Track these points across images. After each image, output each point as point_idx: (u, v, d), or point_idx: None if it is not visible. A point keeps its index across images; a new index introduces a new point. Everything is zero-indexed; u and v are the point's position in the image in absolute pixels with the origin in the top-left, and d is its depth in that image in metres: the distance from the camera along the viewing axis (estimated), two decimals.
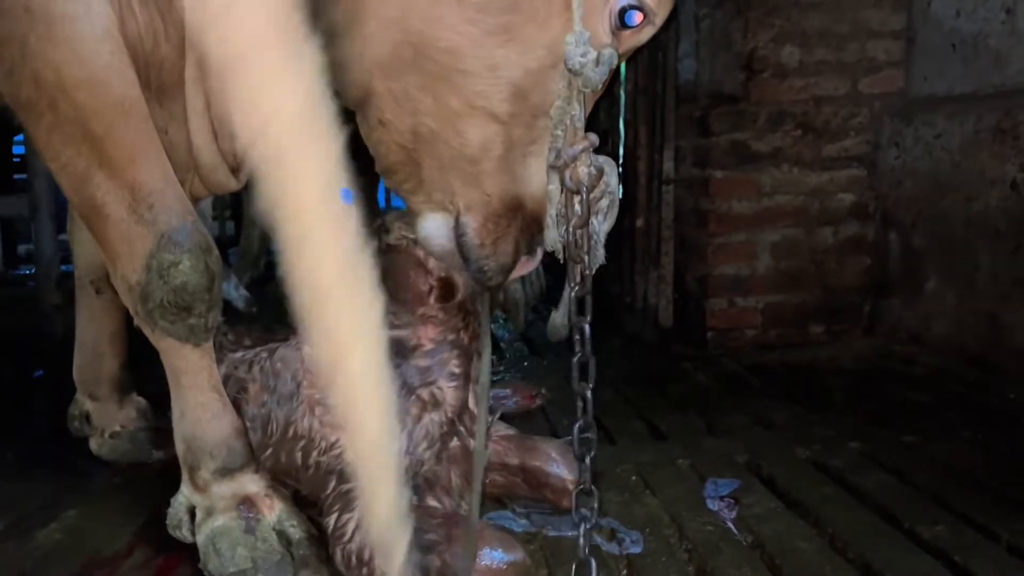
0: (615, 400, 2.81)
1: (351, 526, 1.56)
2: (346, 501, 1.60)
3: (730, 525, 1.85)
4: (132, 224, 1.46)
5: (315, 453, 1.69)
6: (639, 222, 3.91)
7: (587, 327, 1.49)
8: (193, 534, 1.67)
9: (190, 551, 1.73)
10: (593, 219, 1.43)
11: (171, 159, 1.53)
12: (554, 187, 1.40)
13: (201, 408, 1.64)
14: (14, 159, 5.76)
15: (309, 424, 1.71)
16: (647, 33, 1.40)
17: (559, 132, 1.37)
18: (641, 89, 3.86)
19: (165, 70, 1.56)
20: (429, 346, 1.75)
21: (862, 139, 3.45)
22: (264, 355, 1.87)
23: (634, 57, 3.83)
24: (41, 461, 2.32)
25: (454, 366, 1.75)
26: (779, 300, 3.51)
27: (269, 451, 1.77)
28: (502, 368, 3.29)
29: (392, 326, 1.67)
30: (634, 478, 2.12)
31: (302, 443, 1.71)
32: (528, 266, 1.66)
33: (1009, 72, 2.91)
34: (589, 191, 1.38)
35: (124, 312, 2.26)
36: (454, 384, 1.74)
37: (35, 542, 1.84)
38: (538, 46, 1.31)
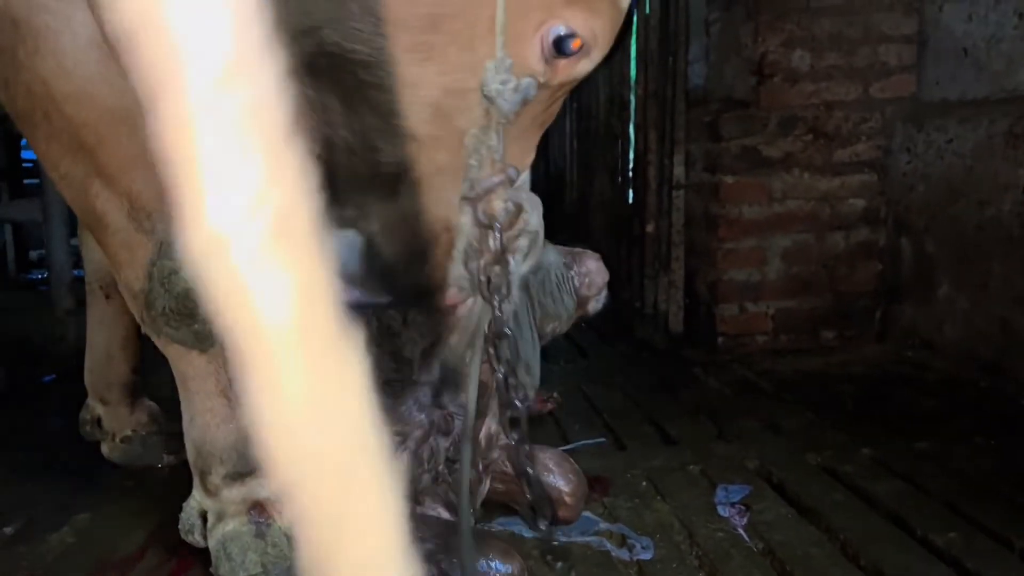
0: (625, 405, 2.81)
1: None
2: None
3: (741, 531, 1.84)
4: (132, 232, 1.46)
5: None
6: (649, 227, 3.90)
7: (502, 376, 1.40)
8: (205, 538, 1.67)
9: (202, 554, 1.73)
10: (510, 258, 1.35)
11: None
12: (466, 219, 1.31)
13: (209, 413, 1.64)
14: (23, 164, 5.79)
15: None
16: (584, 66, 1.32)
17: (473, 162, 1.29)
18: (651, 94, 3.86)
19: None
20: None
21: (873, 144, 3.44)
22: None
23: (644, 62, 3.83)
24: (53, 464, 2.33)
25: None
26: (790, 305, 3.50)
27: None
28: None
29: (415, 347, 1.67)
30: (644, 484, 2.11)
31: None
32: (459, 301, 1.53)
33: (1022, 77, 2.90)
34: (503, 228, 1.31)
35: (134, 317, 2.27)
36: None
37: (47, 545, 1.85)
38: (459, 68, 1.25)
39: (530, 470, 1.58)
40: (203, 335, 1.57)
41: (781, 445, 2.37)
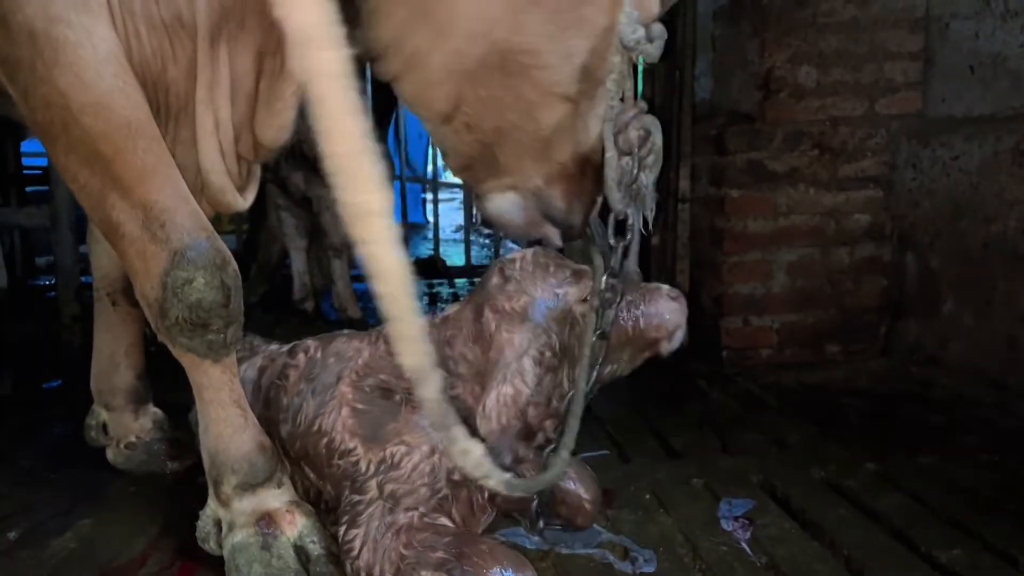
0: (629, 418, 2.80)
1: (358, 542, 1.56)
2: (354, 514, 1.60)
3: (744, 546, 1.83)
4: (147, 242, 1.48)
5: (336, 455, 1.68)
6: (654, 240, 3.91)
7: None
8: (220, 546, 1.68)
9: (204, 561, 1.74)
10: (641, 173, 1.58)
11: None
12: (611, 153, 1.51)
13: (223, 423, 1.65)
14: (24, 171, 5.81)
15: (333, 421, 1.69)
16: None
17: (615, 103, 1.49)
18: (657, 107, 3.87)
19: (173, 93, 1.58)
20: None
21: (879, 160, 3.44)
22: (313, 344, 1.86)
23: (651, 75, 3.84)
24: (57, 470, 2.33)
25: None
26: (795, 320, 3.50)
27: (298, 443, 1.76)
28: None
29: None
30: (648, 496, 2.11)
31: (325, 440, 1.70)
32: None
33: None
34: (640, 151, 1.54)
35: (140, 324, 2.29)
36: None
37: (50, 550, 1.85)
38: (602, 29, 1.42)
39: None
40: (216, 345, 1.58)
41: (785, 459, 2.36)
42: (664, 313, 1.71)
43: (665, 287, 1.75)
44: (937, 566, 1.73)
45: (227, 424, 1.65)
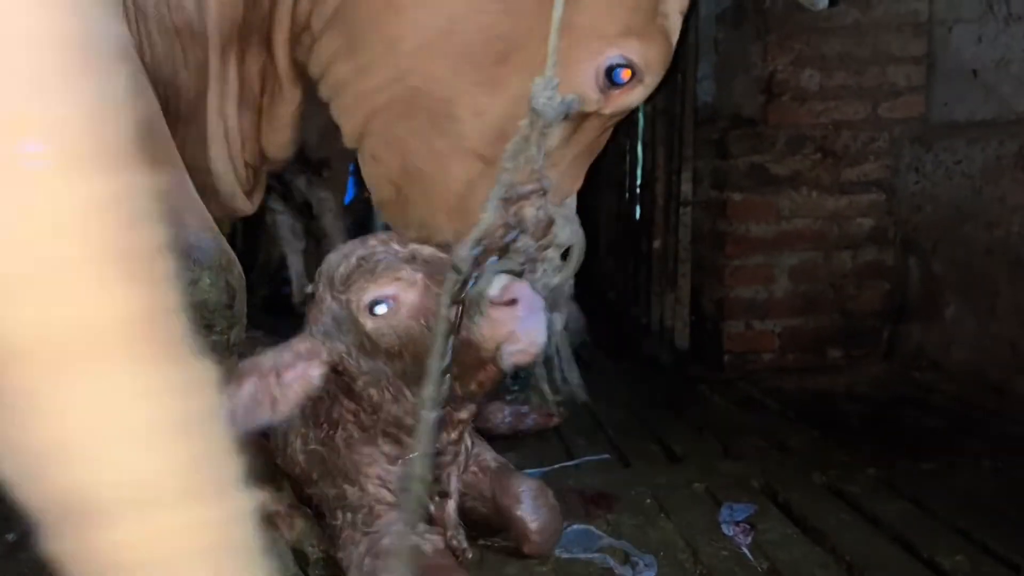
0: (630, 422, 2.80)
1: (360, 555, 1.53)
2: (352, 533, 1.56)
3: (745, 551, 1.83)
4: None
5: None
6: (656, 244, 3.90)
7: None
8: None
9: None
10: (539, 266, 1.42)
11: None
12: (489, 216, 1.26)
13: None
14: None
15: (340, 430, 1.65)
16: (638, 94, 1.41)
17: (509, 165, 1.31)
18: (659, 111, 3.87)
19: (183, 98, 1.58)
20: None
21: (882, 164, 3.44)
22: None
23: None
24: None
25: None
26: (797, 324, 3.49)
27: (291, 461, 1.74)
28: (516, 388, 3.28)
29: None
30: (649, 501, 2.10)
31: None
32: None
33: None
34: (534, 235, 1.37)
35: None
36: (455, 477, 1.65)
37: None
38: (522, 95, 1.31)
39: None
40: (220, 346, 1.57)
41: (787, 464, 2.35)
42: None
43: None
44: (939, 572, 1.72)
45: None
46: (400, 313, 1.32)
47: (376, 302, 1.32)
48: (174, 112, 1.58)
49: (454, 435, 1.52)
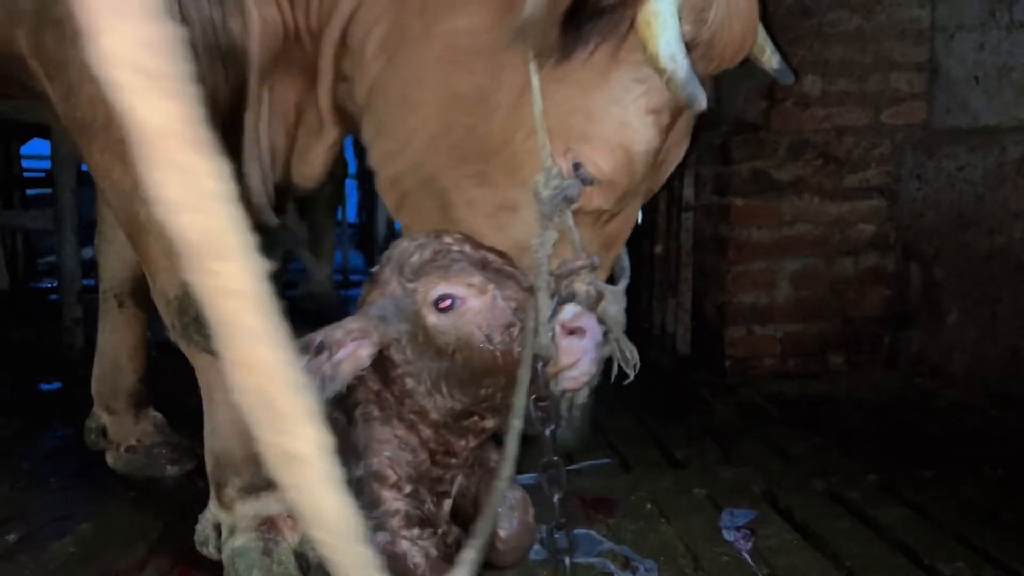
0: (631, 427, 2.80)
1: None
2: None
3: (746, 556, 1.82)
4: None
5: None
6: (658, 249, 3.90)
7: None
8: (219, 551, 1.67)
9: (203, 566, 1.73)
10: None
11: None
12: (543, 295, 1.34)
13: (231, 424, 1.65)
14: (23, 174, 5.82)
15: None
16: (604, 198, 1.47)
17: (540, 253, 1.42)
18: None
19: (221, 110, 1.62)
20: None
21: (883, 170, 3.44)
22: None
23: None
24: (57, 473, 2.33)
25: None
26: (798, 329, 3.49)
27: None
28: None
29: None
30: (649, 506, 2.10)
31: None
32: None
33: None
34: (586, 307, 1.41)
35: (144, 327, 2.30)
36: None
37: (49, 554, 1.85)
38: (508, 187, 1.49)
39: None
40: None
41: (787, 470, 2.35)
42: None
43: (576, 314, 1.35)
44: None
45: (235, 426, 1.65)
46: (464, 316, 1.33)
47: (444, 298, 1.33)
48: (208, 123, 1.61)
49: (474, 443, 1.50)
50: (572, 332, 1.29)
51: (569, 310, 1.30)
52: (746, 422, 2.86)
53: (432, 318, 1.33)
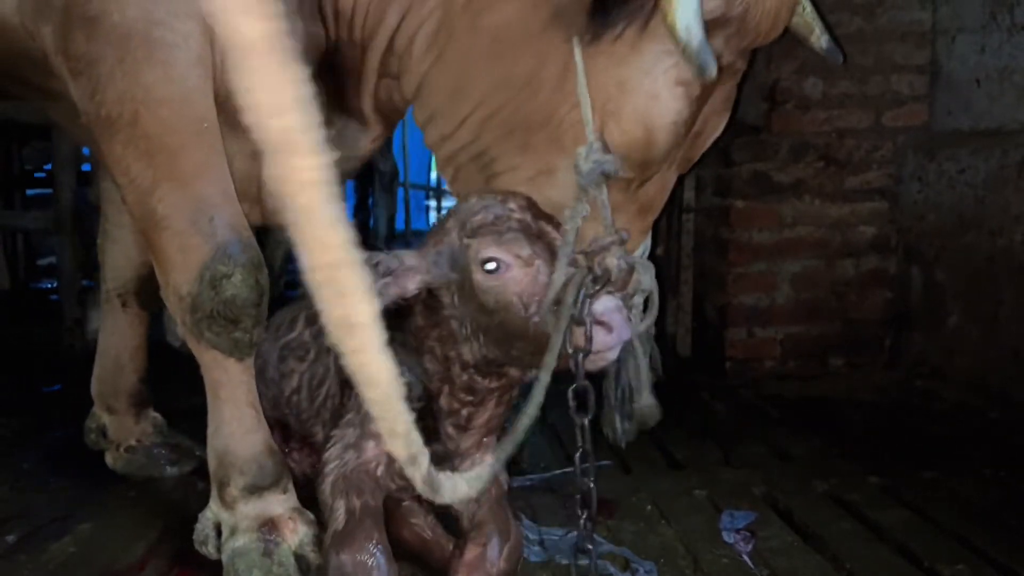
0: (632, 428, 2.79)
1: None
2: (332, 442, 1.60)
3: (746, 558, 1.82)
4: (190, 235, 1.54)
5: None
6: (659, 250, 3.90)
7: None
8: (218, 550, 1.67)
9: (203, 567, 1.73)
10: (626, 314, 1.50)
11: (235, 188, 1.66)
12: (559, 275, 1.37)
13: (236, 422, 1.66)
14: (24, 175, 5.82)
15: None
16: (627, 167, 1.57)
17: (569, 226, 1.47)
18: None
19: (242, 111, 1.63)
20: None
21: (885, 172, 3.44)
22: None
23: None
24: (57, 474, 2.33)
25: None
26: (799, 331, 3.49)
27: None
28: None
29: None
30: (649, 507, 2.10)
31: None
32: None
33: None
34: (618, 285, 1.45)
35: (146, 326, 2.30)
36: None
37: (48, 554, 1.85)
38: (549, 153, 1.64)
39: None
40: (242, 344, 1.61)
41: (788, 471, 2.35)
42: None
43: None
44: None
45: (240, 424, 1.66)
46: (507, 283, 1.40)
47: (491, 260, 1.40)
48: (232, 121, 1.63)
49: (494, 384, 1.55)
50: (600, 323, 1.33)
51: (603, 302, 1.34)
52: (746, 424, 2.85)
53: (479, 276, 1.41)
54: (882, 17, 3.35)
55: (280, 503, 1.67)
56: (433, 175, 10.28)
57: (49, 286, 5.63)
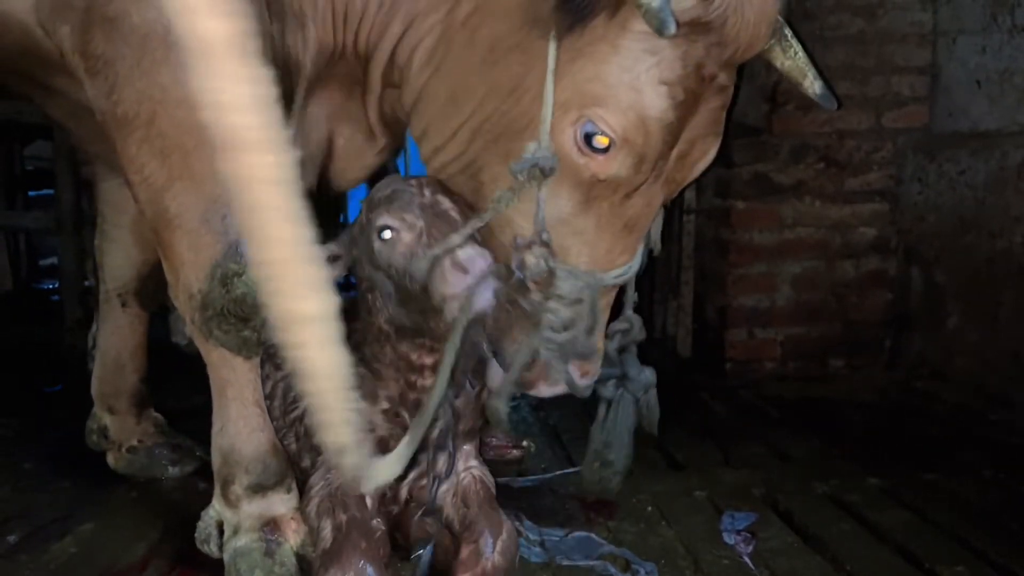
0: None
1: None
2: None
3: (746, 559, 1.83)
4: (202, 233, 1.56)
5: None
6: (660, 252, 3.90)
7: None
8: (220, 549, 1.68)
9: (204, 567, 1.73)
10: (544, 317, 1.58)
11: None
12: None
13: (242, 421, 1.68)
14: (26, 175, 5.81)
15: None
16: (620, 161, 1.53)
17: (489, 207, 1.58)
18: None
19: None
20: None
21: (885, 173, 3.44)
22: None
23: None
24: (58, 474, 2.33)
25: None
26: (799, 332, 3.49)
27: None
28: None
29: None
30: (650, 508, 2.10)
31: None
32: None
33: None
34: (536, 283, 1.56)
35: (146, 326, 2.30)
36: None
37: (50, 554, 1.85)
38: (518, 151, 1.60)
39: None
40: (251, 342, 1.63)
41: (788, 472, 2.35)
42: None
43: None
44: None
45: (246, 423, 1.67)
46: (396, 247, 1.53)
47: (383, 228, 1.54)
48: None
49: (429, 360, 1.63)
50: (461, 269, 1.46)
51: (463, 251, 1.47)
52: (747, 425, 2.86)
53: (376, 244, 1.55)
54: (883, 19, 3.35)
55: (283, 503, 1.68)
56: None
57: (50, 286, 5.64)
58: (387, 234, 1.53)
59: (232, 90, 0.81)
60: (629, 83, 1.49)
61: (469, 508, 1.68)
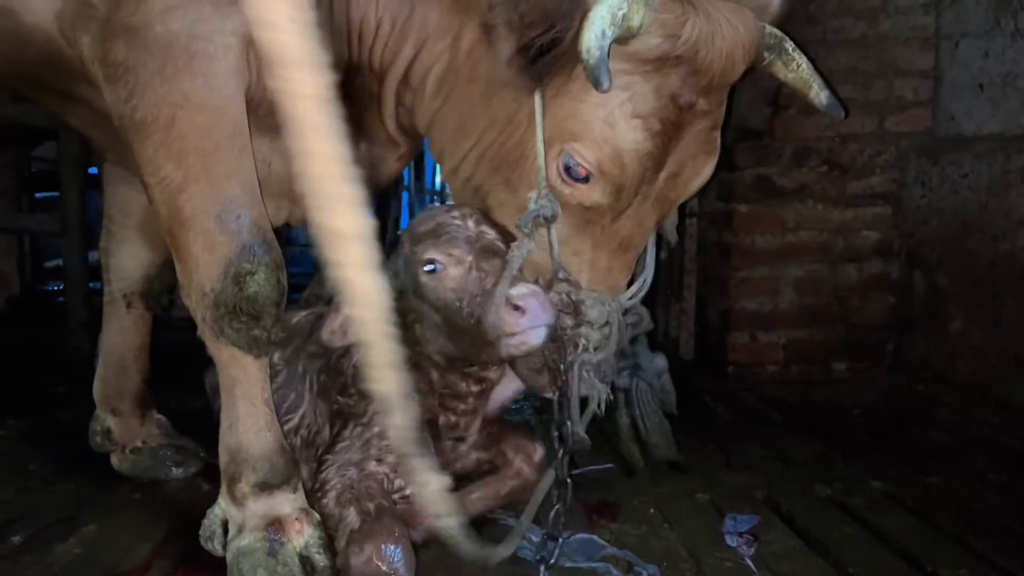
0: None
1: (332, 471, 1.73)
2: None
3: (748, 562, 1.83)
4: (217, 233, 1.60)
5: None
6: (662, 254, 3.90)
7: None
8: (224, 548, 1.69)
9: (207, 567, 1.74)
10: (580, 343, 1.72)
11: (269, 188, 1.78)
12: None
13: (250, 419, 1.69)
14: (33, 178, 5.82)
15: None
16: (599, 190, 1.66)
17: (515, 253, 1.66)
18: None
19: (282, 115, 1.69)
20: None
21: (888, 177, 3.45)
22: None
23: None
24: (62, 475, 2.34)
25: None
26: (802, 336, 3.49)
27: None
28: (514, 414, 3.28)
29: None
30: (652, 511, 2.10)
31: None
32: None
33: None
34: (568, 315, 1.69)
35: (149, 327, 2.31)
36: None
37: (54, 555, 1.86)
38: (525, 191, 1.74)
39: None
40: (261, 341, 1.67)
41: (790, 475, 2.35)
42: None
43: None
44: None
45: (254, 421, 1.69)
46: (444, 281, 1.60)
47: (429, 262, 1.61)
48: (269, 126, 1.74)
49: (476, 388, 1.75)
50: (516, 308, 1.53)
51: (518, 287, 1.55)
52: (749, 428, 2.86)
53: (423, 278, 1.62)
54: (886, 22, 3.36)
55: (289, 502, 1.69)
56: (438, 179, 10.30)
57: (56, 288, 5.65)
58: (433, 268, 1.61)
59: (275, 8, 0.87)
60: (603, 118, 1.61)
61: (490, 448, 1.87)
